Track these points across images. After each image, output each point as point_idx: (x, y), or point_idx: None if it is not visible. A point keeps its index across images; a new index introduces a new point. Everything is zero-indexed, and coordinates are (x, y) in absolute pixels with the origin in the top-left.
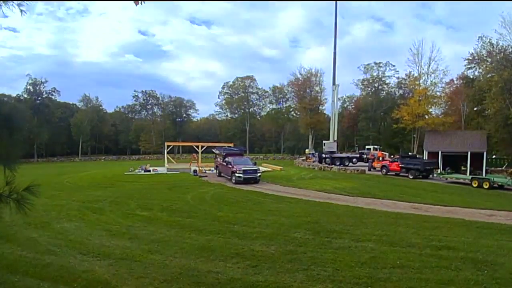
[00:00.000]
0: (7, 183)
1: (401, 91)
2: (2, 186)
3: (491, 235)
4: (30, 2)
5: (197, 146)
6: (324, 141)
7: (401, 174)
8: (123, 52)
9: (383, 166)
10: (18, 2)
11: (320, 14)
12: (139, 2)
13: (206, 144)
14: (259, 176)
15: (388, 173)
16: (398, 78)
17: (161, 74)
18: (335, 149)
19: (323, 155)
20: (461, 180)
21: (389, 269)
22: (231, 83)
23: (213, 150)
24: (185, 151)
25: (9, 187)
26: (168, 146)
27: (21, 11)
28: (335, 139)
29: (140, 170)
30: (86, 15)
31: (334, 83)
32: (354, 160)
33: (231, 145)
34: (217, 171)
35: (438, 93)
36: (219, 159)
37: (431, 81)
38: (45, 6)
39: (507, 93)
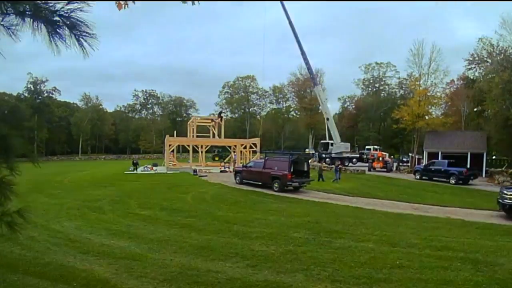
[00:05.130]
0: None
1: (401, 92)
2: None
3: (491, 235)
4: (31, 2)
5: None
6: (330, 141)
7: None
8: None
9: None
10: (18, 2)
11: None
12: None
13: (209, 143)
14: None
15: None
16: (399, 78)
17: None
18: (349, 149)
19: (323, 155)
20: None
21: (389, 269)
22: (231, 82)
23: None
24: (185, 151)
25: (1, 209)
26: (170, 145)
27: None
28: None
29: (146, 168)
30: None
31: (315, 84)
32: (354, 160)
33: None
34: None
35: (438, 94)
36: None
37: (432, 81)
38: None
39: (507, 94)
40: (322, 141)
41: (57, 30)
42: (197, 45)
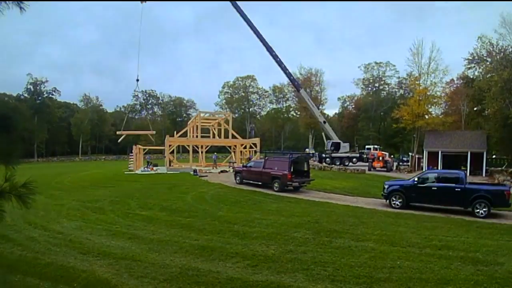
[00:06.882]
0: (7, 180)
1: (401, 91)
2: (2, 183)
3: (491, 235)
4: (31, 2)
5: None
6: (331, 141)
7: None
8: None
9: None
10: (18, 1)
11: None
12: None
13: (209, 143)
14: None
15: None
16: (398, 78)
17: None
18: (348, 149)
19: (323, 155)
20: None
21: (389, 269)
22: (231, 82)
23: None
24: (185, 151)
25: (9, 183)
26: (170, 145)
27: (21, 8)
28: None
29: (146, 169)
30: None
31: (297, 89)
32: (354, 160)
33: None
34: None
35: (438, 93)
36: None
37: (431, 81)
38: None
39: (507, 93)
40: (332, 141)
41: None
42: None
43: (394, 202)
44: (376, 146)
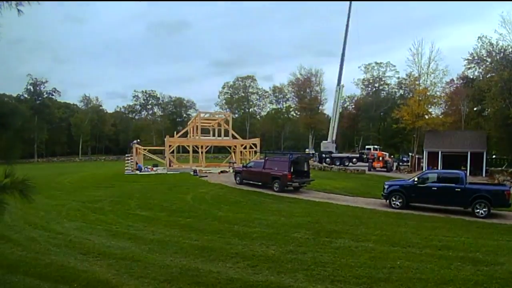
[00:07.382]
0: (7, 176)
1: (401, 91)
2: (2, 179)
3: (491, 235)
4: (30, 1)
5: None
6: (323, 142)
7: None
8: None
9: None
10: (17, 1)
11: None
12: None
13: (209, 143)
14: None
15: None
16: (398, 78)
17: None
18: (332, 150)
19: (323, 155)
20: None
21: (389, 269)
22: (231, 83)
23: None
24: (185, 151)
25: (10, 179)
26: (170, 146)
27: (18, 10)
28: (334, 139)
29: (146, 169)
30: None
31: (338, 84)
32: (354, 160)
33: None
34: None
35: (438, 93)
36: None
37: (431, 81)
38: None
39: (507, 93)
40: (325, 142)
41: None
42: None
43: (394, 202)
44: (376, 146)
